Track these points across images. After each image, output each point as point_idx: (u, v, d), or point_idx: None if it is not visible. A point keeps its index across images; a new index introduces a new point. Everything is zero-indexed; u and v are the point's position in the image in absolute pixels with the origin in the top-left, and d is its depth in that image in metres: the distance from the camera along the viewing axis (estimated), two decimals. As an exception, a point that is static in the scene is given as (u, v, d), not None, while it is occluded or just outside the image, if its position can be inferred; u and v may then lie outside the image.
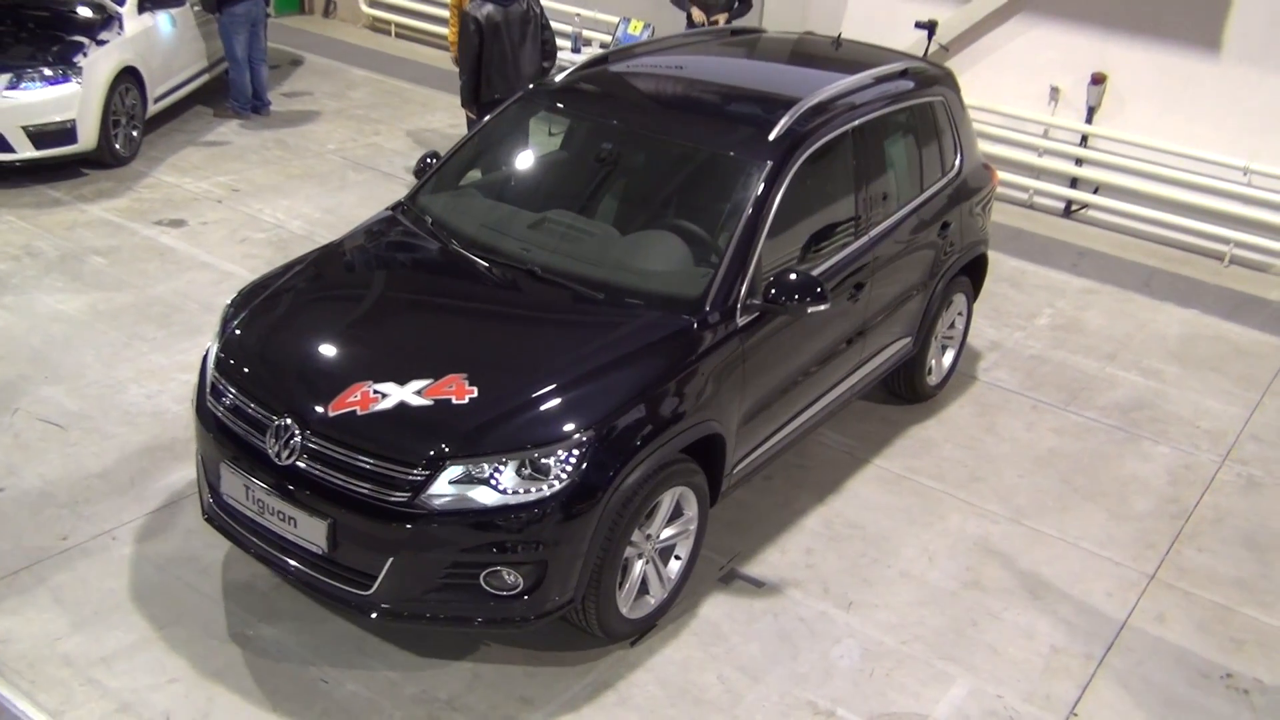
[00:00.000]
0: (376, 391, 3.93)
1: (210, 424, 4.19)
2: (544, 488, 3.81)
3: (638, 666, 4.26)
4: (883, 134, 5.43)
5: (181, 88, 9.50)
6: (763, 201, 4.61)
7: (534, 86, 5.48)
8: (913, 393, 6.16)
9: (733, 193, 4.69)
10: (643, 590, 4.32)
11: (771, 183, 4.65)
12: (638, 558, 4.23)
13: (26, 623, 4.17)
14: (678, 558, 4.46)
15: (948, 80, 6.14)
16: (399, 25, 12.95)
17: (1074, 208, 9.57)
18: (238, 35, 9.52)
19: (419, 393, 3.92)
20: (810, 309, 4.44)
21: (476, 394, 3.92)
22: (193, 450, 4.53)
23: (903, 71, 5.76)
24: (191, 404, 4.40)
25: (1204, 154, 8.72)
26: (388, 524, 3.78)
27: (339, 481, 3.84)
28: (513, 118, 5.37)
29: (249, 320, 4.42)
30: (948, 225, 5.86)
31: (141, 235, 7.37)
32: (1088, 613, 4.80)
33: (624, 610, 4.22)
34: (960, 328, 6.45)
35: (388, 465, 3.80)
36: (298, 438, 3.90)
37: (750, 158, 4.73)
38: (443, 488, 3.78)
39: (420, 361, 4.07)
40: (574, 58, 9.00)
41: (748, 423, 4.61)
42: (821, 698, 4.21)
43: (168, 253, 7.16)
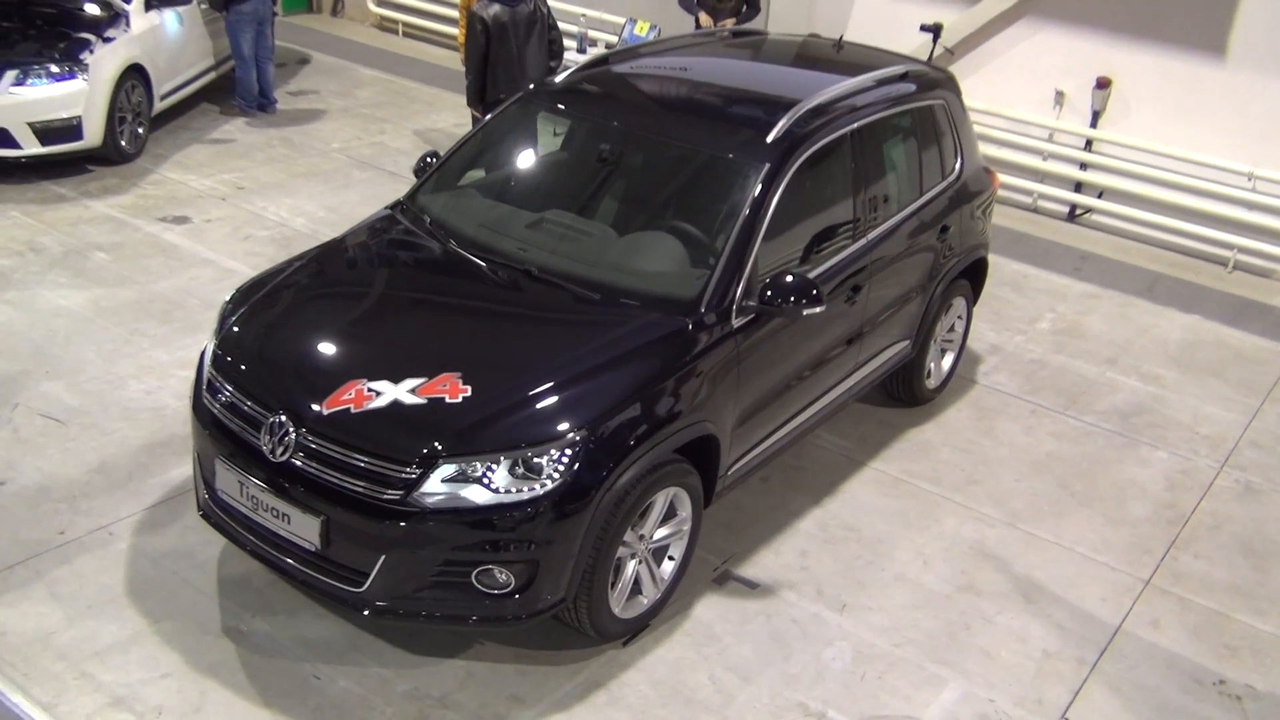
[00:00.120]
0: (371, 389, 3.95)
1: (206, 420, 4.22)
2: (536, 487, 3.82)
3: (629, 666, 4.27)
4: (882, 137, 5.43)
5: (188, 85, 9.54)
6: (760, 203, 4.61)
7: (534, 86, 5.48)
8: (911, 396, 6.16)
9: (730, 194, 4.69)
10: (635, 590, 4.33)
11: (769, 185, 4.65)
12: (630, 558, 4.24)
13: (22, 616, 4.20)
14: (671, 558, 4.46)
15: (948, 83, 6.13)
16: (406, 24, 12.98)
17: (1078, 212, 9.55)
18: (244, 33, 9.56)
19: (413, 391, 3.93)
20: (805, 311, 4.44)
21: (470, 393, 3.93)
22: (190, 446, 4.55)
23: (903, 74, 5.76)
24: (190, 400, 4.43)
25: (1209, 159, 8.70)
26: (380, 521, 3.79)
27: (332, 479, 3.86)
28: (512, 118, 5.38)
29: (246, 317, 4.45)
30: (947, 228, 5.85)
31: (145, 232, 7.40)
32: (1081, 617, 4.79)
33: (616, 610, 4.23)
34: (960, 331, 6.44)
35: (381, 463, 3.82)
36: (292, 435, 3.92)
37: (748, 159, 4.73)
38: (435, 486, 3.79)
39: (415, 360, 4.08)
40: (579, 58, 9.00)
41: (743, 424, 4.62)
42: (813, 699, 4.22)
43: (171, 249, 7.19)
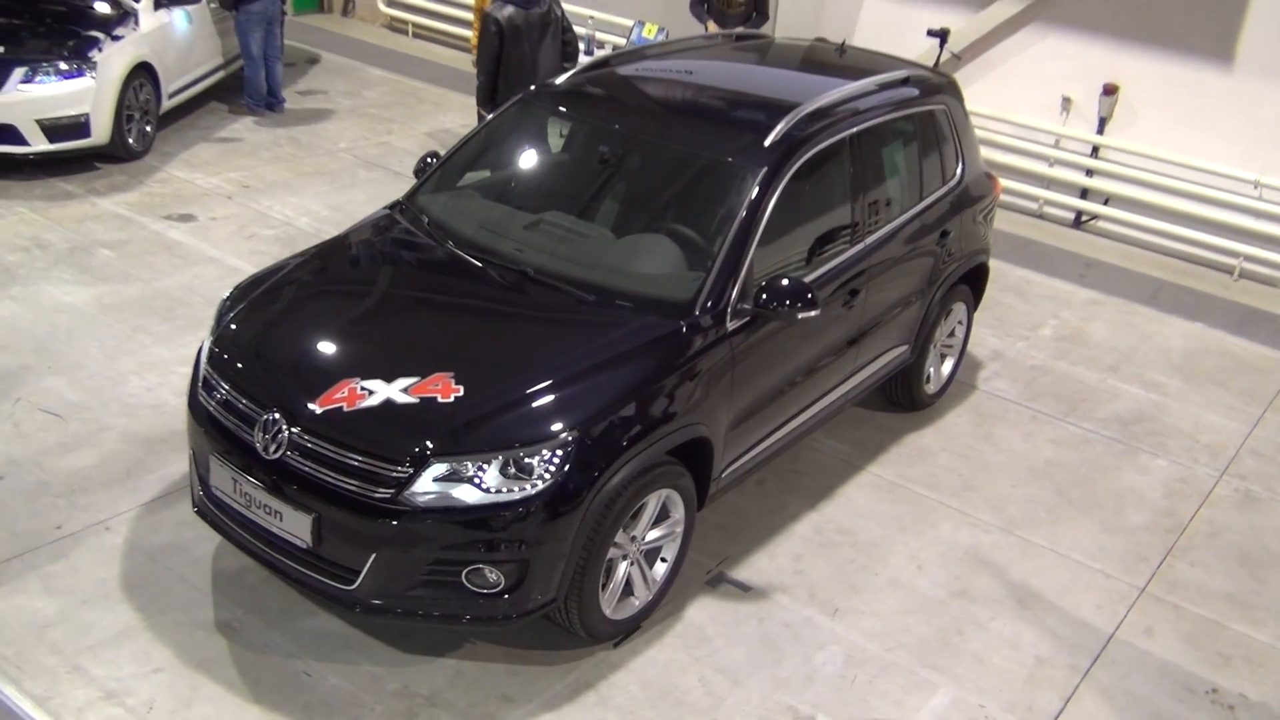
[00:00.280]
0: (364, 388, 3.96)
1: (201, 417, 4.24)
2: (527, 487, 3.83)
3: (620, 667, 4.28)
4: (882, 141, 5.43)
5: (196, 84, 9.58)
6: (756, 206, 4.62)
7: (534, 88, 5.50)
8: (910, 401, 6.15)
9: (727, 197, 4.70)
10: (627, 592, 4.33)
11: (765, 188, 4.66)
12: (622, 559, 4.25)
13: (16, 609, 4.23)
14: (664, 560, 4.47)
15: (950, 88, 6.12)
16: (416, 25, 13.01)
17: (1083, 218, 9.53)
18: (254, 33, 9.60)
19: (405, 390, 3.95)
20: (800, 315, 4.45)
21: (462, 393, 3.95)
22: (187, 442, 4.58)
23: (904, 79, 5.76)
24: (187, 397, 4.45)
25: (1215, 166, 8.68)
26: (371, 520, 3.81)
27: (324, 477, 3.87)
28: (513, 119, 5.40)
29: (243, 315, 4.47)
30: (947, 233, 5.84)
31: (150, 229, 7.44)
32: (1075, 624, 4.78)
33: (607, 611, 4.24)
34: (960, 336, 6.43)
35: (372, 461, 3.83)
36: (285, 432, 3.94)
37: (745, 162, 4.74)
38: (426, 485, 3.80)
39: (408, 359, 4.10)
40: (586, 60, 9.01)
41: (737, 427, 4.62)
42: (802, 703, 4.22)
43: (175, 247, 7.23)
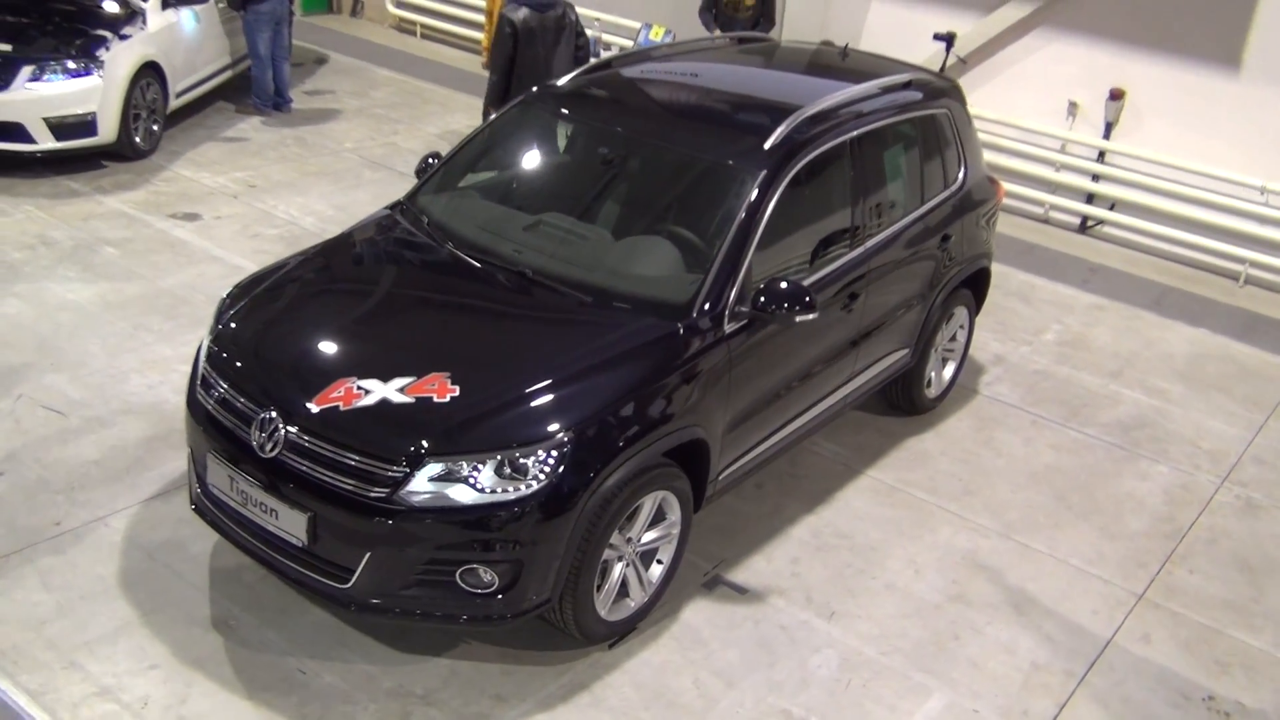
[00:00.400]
0: (360, 388, 3.97)
1: (200, 415, 4.25)
2: (522, 487, 3.84)
3: (614, 668, 4.28)
4: (883, 145, 5.42)
5: (203, 83, 9.63)
6: (755, 209, 4.62)
7: (536, 89, 5.51)
8: (911, 405, 6.15)
9: (726, 200, 4.70)
10: (623, 593, 4.34)
11: (765, 191, 4.66)
12: (617, 560, 4.25)
13: (14, 605, 4.24)
14: (659, 562, 4.47)
15: (953, 92, 6.12)
16: (424, 26, 13.05)
17: (1089, 223, 9.51)
18: (261, 33, 9.64)
19: (401, 390, 3.96)
20: (798, 318, 4.45)
21: (458, 393, 3.95)
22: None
23: (907, 83, 5.76)
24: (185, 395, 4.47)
25: (1222, 172, 8.67)
26: (366, 519, 3.82)
27: (320, 475, 3.88)
28: (515, 120, 5.41)
29: (242, 314, 4.48)
30: (949, 238, 5.84)
31: (155, 228, 7.47)
32: (1072, 630, 4.77)
33: (602, 612, 4.24)
34: (961, 341, 6.42)
35: (368, 461, 3.84)
36: (282, 431, 3.95)
37: (745, 165, 4.74)
38: (421, 484, 3.81)
39: (405, 359, 4.11)
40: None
41: (734, 429, 4.62)
42: (796, 706, 4.21)
43: (179, 246, 7.25)
